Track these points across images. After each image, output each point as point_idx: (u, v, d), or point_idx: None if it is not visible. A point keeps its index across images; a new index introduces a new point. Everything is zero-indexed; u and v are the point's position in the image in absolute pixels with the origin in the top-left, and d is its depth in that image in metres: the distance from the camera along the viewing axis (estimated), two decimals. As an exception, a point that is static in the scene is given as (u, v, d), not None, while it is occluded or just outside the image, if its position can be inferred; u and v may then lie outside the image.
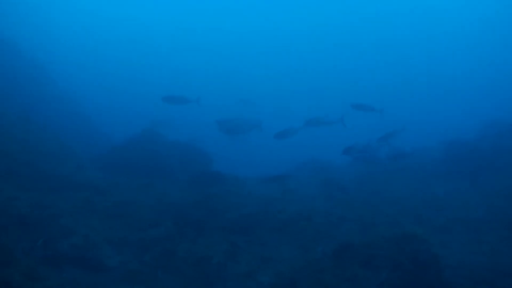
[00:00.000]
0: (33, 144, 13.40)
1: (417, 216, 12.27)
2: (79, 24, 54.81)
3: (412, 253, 7.50)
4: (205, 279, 8.13)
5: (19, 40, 23.22)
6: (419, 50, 57.54)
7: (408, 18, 59.74)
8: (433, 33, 58.09)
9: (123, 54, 52.84)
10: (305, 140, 14.79)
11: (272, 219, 11.62)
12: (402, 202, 13.85)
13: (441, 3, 57.80)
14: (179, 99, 14.92)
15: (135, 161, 15.80)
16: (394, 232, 8.31)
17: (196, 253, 9.05)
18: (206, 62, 54.07)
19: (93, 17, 58.01)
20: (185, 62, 54.03)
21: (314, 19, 61.96)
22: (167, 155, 16.71)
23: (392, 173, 18.10)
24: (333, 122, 14.81)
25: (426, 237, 7.89)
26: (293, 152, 16.60)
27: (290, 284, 7.75)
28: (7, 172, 11.26)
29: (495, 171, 15.36)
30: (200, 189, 13.39)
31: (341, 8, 60.52)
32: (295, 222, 11.40)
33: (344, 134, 15.09)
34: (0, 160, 11.55)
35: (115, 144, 17.91)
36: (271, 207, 12.59)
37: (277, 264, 9.07)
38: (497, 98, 41.90)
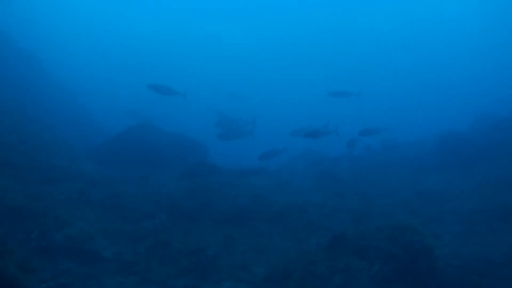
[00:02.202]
0: (27, 136, 13.36)
1: (410, 207, 12.34)
2: (74, 17, 54.59)
3: (406, 244, 7.55)
4: (200, 270, 8.16)
5: (13, 32, 23.06)
6: (414, 46, 57.76)
7: (402, 15, 59.90)
8: (427, 28, 58.36)
9: (118, 47, 52.79)
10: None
11: (266, 210, 11.66)
12: (395, 193, 13.93)
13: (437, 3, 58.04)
14: (164, 89, 14.62)
15: (130, 153, 15.82)
16: (387, 223, 8.36)
17: (191, 244, 9.09)
18: (201, 60, 54.39)
19: (88, 9, 57.80)
20: (181, 57, 54.16)
21: (309, 21, 62.14)
22: (162, 147, 16.73)
23: (386, 164, 18.19)
24: (329, 133, 14.80)
25: (419, 228, 7.94)
26: (288, 144, 16.64)
27: (284, 275, 7.79)
28: (0, 163, 11.23)
29: (488, 162, 15.46)
30: (194, 181, 13.41)
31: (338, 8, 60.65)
32: (290, 214, 11.44)
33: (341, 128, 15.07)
34: (-7, 151, 11.52)
35: (109, 136, 17.90)
36: (265, 199, 12.64)
37: (271, 255, 9.11)
38: (491, 92, 42.12)
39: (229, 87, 32.83)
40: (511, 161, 14.92)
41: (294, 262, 8.14)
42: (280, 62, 57.30)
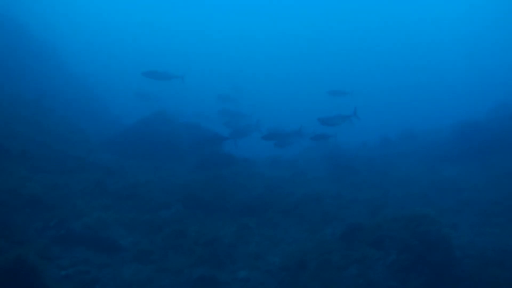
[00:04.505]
0: (45, 126, 13.54)
1: (426, 197, 12.25)
2: (91, 7, 54.94)
3: (422, 234, 7.51)
4: (216, 260, 8.20)
5: (31, 24, 23.27)
6: (432, 38, 57.32)
7: (416, 8, 59.47)
8: (442, 20, 57.92)
9: (134, 39, 53.15)
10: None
11: (281, 200, 11.68)
12: (412, 184, 13.83)
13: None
14: (161, 74, 14.81)
15: (146, 143, 15.91)
16: (403, 214, 8.31)
17: (206, 234, 9.13)
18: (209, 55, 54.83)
19: (114, 4, 58.33)
20: (192, 53, 54.54)
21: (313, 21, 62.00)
22: (177, 137, 16.80)
23: (402, 155, 18.06)
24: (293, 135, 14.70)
25: (436, 218, 7.88)
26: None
27: (299, 265, 7.81)
28: (20, 154, 11.40)
29: (506, 152, 15.24)
30: (209, 171, 13.46)
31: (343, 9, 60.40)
32: (305, 204, 11.44)
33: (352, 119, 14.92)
34: (13, 141, 11.68)
35: (125, 127, 18.02)
36: (280, 189, 12.66)
37: (287, 245, 9.13)
38: (508, 81, 41.52)
39: (233, 81, 33.12)
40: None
41: (310, 252, 8.15)
42: (283, 58, 57.49)
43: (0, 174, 9.88)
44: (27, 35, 22.00)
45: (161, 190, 11.66)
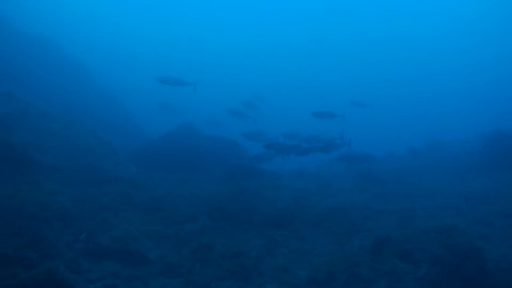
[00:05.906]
0: (73, 140, 13.76)
1: (456, 209, 12.01)
2: (117, 22, 56.05)
3: (453, 246, 7.35)
4: (243, 273, 8.17)
5: (58, 39, 23.82)
6: (458, 46, 56.79)
7: (448, 16, 59.05)
8: (468, 28, 57.38)
9: (159, 51, 53.96)
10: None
11: (308, 212, 11.59)
12: (440, 194, 13.58)
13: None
14: (173, 80, 15.15)
15: (172, 156, 16.04)
16: (433, 225, 8.16)
17: (233, 246, 9.11)
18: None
19: (133, 15, 59.41)
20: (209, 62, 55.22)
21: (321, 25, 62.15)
22: (203, 149, 16.88)
23: (430, 165, 17.77)
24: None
25: (467, 230, 7.71)
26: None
27: (327, 278, 7.72)
28: (49, 167, 11.62)
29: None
30: (235, 183, 13.46)
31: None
32: (332, 216, 11.32)
33: (378, 130, 14.87)
34: (43, 155, 11.92)
35: (152, 140, 18.20)
36: (306, 201, 12.58)
37: (314, 258, 9.03)
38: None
39: (255, 89, 33.37)
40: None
41: (337, 264, 8.05)
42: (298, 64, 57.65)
43: (31, 187, 10.09)
44: (55, 50, 22.55)
45: (187, 203, 11.71)
